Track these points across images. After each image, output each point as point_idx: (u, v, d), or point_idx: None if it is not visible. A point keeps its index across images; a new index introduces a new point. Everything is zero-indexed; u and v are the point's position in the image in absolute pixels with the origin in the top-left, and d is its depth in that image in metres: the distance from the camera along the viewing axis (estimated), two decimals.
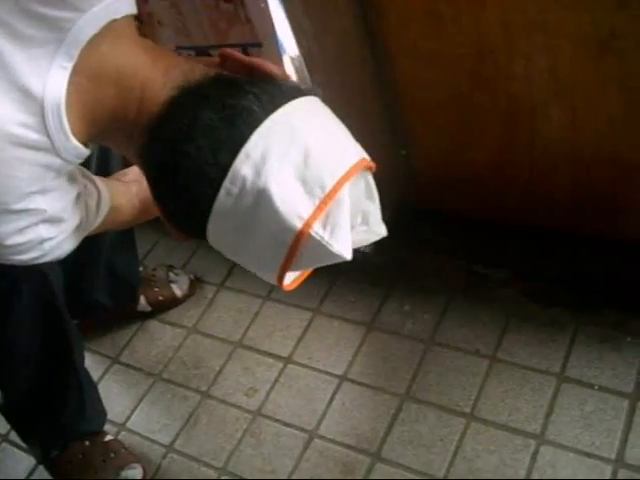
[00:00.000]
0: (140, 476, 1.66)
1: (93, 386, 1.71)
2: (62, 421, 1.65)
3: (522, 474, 1.45)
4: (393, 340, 1.73)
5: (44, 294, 1.47)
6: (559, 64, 1.34)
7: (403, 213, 1.75)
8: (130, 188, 1.21)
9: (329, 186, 0.81)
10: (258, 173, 0.79)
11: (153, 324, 1.97)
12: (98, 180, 1.10)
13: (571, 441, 1.48)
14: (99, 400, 1.72)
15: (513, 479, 1.44)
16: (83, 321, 1.92)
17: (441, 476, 1.50)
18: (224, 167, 0.80)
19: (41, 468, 1.74)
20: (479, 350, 1.65)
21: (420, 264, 1.82)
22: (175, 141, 0.82)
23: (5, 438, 1.86)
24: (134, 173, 1.24)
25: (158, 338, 1.94)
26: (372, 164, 0.90)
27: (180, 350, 1.90)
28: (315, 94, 0.91)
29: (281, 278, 0.88)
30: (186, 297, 1.99)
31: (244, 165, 0.79)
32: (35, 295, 1.45)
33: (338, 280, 1.89)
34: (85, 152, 0.87)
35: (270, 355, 1.81)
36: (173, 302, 1.98)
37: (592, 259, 1.63)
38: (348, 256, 0.86)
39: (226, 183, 0.80)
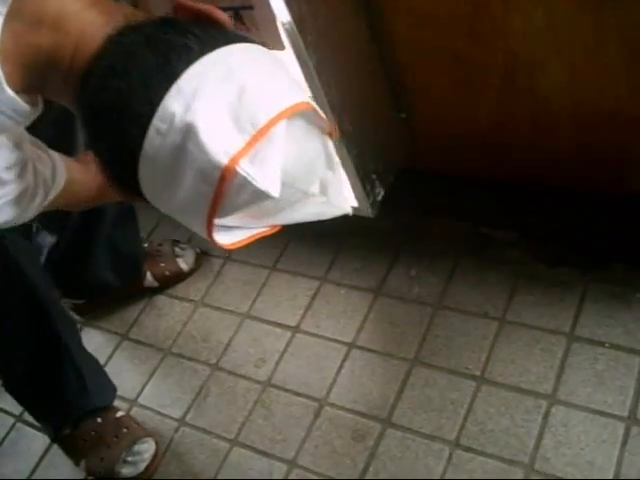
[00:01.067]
0: (152, 450, 1.67)
1: (93, 362, 1.71)
2: (65, 399, 1.65)
3: (534, 434, 1.44)
4: (401, 305, 1.72)
5: (11, 275, 1.46)
6: (557, 18, 1.31)
7: (406, 177, 1.73)
8: (91, 166, 1.16)
9: (261, 123, 0.77)
10: (188, 108, 0.75)
11: (161, 299, 1.97)
12: (55, 153, 1.07)
13: (583, 400, 1.47)
14: (103, 375, 1.73)
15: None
16: (91, 300, 1.93)
17: (452, 438, 1.49)
18: (154, 103, 0.76)
19: (56, 447, 1.75)
20: (488, 312, 1.64)
21: (425, 228, 1.80)
22: (107, 78, 0.78)
23: (20, 418, 1.87)
24: None
25: (166, 313, 1.94)
26: (310, 106, 0.83)
27: (188, 324, 1.90)
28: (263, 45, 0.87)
29: (210, 224, 0.83)
30: (192, 271, 1.98)
31: (174, 101, 0.75)
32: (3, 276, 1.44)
33: (344, 248, 1.87)
34: (24, 107, 0.84)
35: (278, 325, 1.80)
36: (180, 276, 1.97)
37: (598, 215, 1.61)
38: (274, 192, 0.79)
39: (155, 121, 0.76)
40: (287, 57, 1.34)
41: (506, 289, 1.66)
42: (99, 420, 1.68)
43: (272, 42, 1.29)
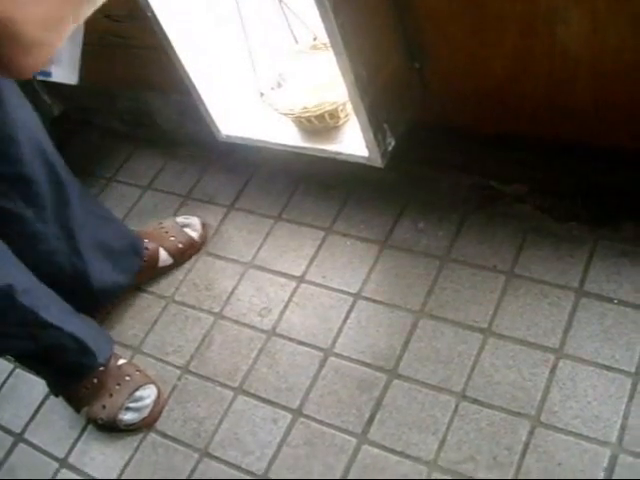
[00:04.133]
0: (154, 395, 1.67)
1: (87, 325, 1.68)
2: (68, 364, 1.64)
3: (541, 387, 1.45)
4: (407, 257, 1.71)
5: None
6: None
7: (417, 129, 1.70)
8: None
9: None
10: None
11: None
12: None
13: (590, 355, 1.47)
14: (100, 333, 1.72)
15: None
16: (106, 305, 1.88)
17: (459, 390, 1.49)
18: None
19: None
20: (496, 266, 1.63)
21: (434, 181, 1.79)
22: None
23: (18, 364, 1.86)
24: None
25: None
26: None
27: (191, 272, 1.88)
28: None
29: None
30: (203, 239, 1.93)
31: None
32: None
33: (350, 199, 1.85)
34: None
35: (283, 275, 1.79)
36: (193, 247, 1.91)
37: (612, 172, 1.59)
38: None
39: None
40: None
41: (515, 243, 1.65)
42: (101, 369, 1.67)
43: None
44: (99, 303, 1.83)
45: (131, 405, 1.65)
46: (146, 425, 1.66)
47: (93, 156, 2.28)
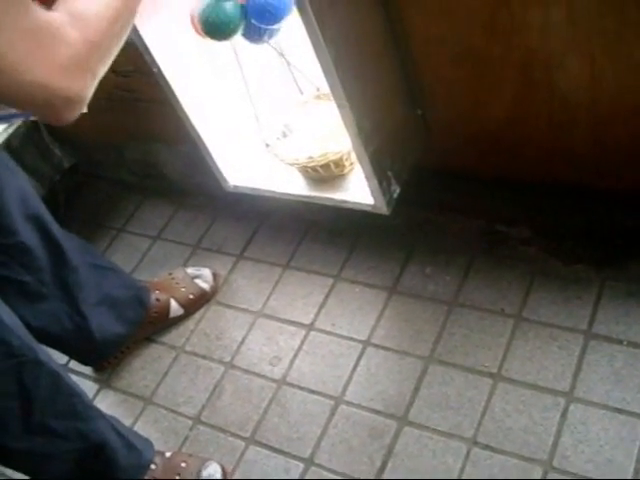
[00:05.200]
0: (220, 470, 1.60)
1: (117, 421, 1.59)
2: (119, 469, 1.55)
3: (553, 432, 1.44)
4: (416, 303, 1.72)
5: None
6: (576, 12, 1.30)
7: (421, 174, 1.72)
8: None
9: None
10: None
11: None
12: None
13: (601, 398, 1.46)
14: (131, 430, 1.66)
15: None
16: (108, 358, 1.87)
17: (470, 436, 1.49)
18: None
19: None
20: (504, 310, 1.63)
21: (440, 225, 1.80)
22: None
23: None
24: None
25: None
26: None
27: (202, 322, 1.89)
28: None
29: None
30: (214, 290, 1.94)
31: None
32: None
33: (358, 245, 1.87)
34: None
35: (292, 323, 1.79)
36: (203, 297, 1.92)
37: (614, 213, 1.61)
38: None
39: None
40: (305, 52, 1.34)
41: (522, 286, 1.65)
42: (152, 467, 1.59)
43: None
44: (103, 355, 1.84)
45: None
46: None
47: (103, 207, 2.31)
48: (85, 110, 0.98)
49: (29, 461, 1.46)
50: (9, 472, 1.63)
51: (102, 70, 0.98)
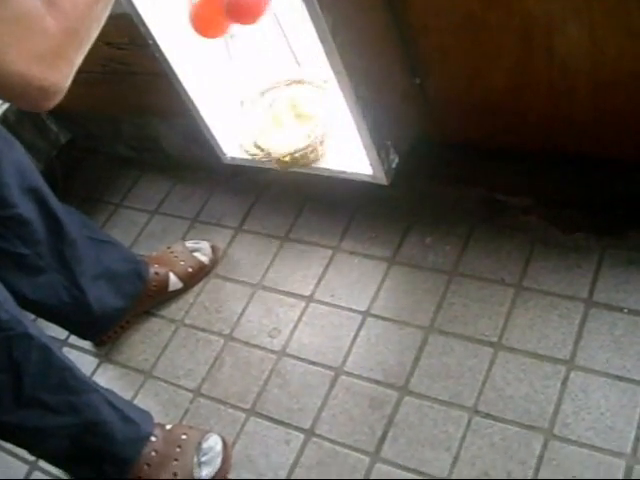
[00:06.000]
0: (220, 442, 1.59)
1: (114, 404, 1.55)
2: (117, 444, 1.53)
3: (553, 400, 1.44)
4: (415, 273, 1.71)
5: None
6: None
7: (420, 144, 1.71)
8: None
9: None
10: None
11: None
12: None
13: (602, 365, 1.46)
14: (135, 408, 1.64)
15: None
16: (107, 331, 1.87)
17: (471, 405, 1.49)
18: None
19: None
20: (504, 279, 1.63)
21: (439, 195, 1.79)
22: None
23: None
24: None
25: None
26: None
27: (201, 295, 1.89)
28: None
29: None
30: (213, 263, 1.93)
31: None
32: None
33: (357, 216, 1.86)
34: None
35: (292, 295, 1.79)
36: (202, 270, 1.91)
37: (615, 181, 1.59)
38: None
39: None
40: (304, 21, 1.33)
41: (522, 256, 1.65)
42: (153, 439, 1.57)
43: None
44: (102, 329, 1.84)
45: (203, 459, 1.58)
46: (223, 475, 1.58)
47: (100, 182, 2.30)
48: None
49: (22, 435, 1.45)
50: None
51: (80, 58, 0.97)
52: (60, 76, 0.93)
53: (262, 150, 1.68)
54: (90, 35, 0.98)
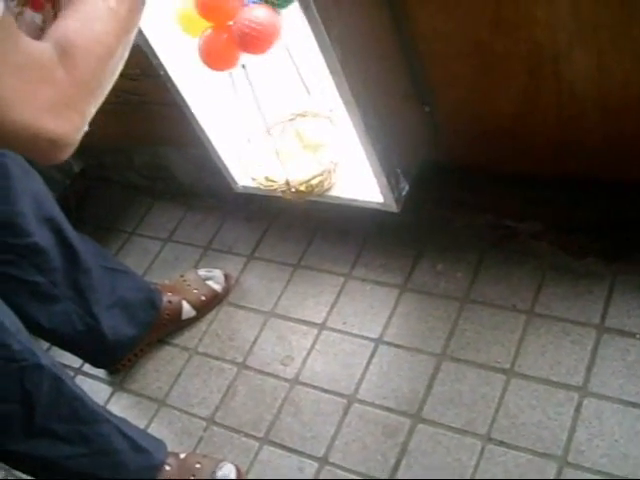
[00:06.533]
0: (235, 471, 1.60)
1: (126, 422, 1.59)
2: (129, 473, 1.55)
3: (567, 427, 1.43)
4: (427, 300, 1.71)
5: None
6: (582, 5, 1.29)
7: (430, 171, 1.72)
8: None
9: None
10: None
11: None
12: None
13: (615, 392, 1.45)
14: (143, 431, 1.67)
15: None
16: (121, 360, 1.88)
17: (484, 432, 1.48)
18: None
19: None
20: (515, 305, 1.63)
21: (450, 222, 1.79)
22: None
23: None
24: None
25: None
26: None
27: (214, 323, 1.90)
28: None
29: None
30: (226, 291, 1.94)
31: None
32: None
33: (368, 243, 1.87)
34: None
35: (304, 322, 1.79)
36: (215, 299, 1.92)
37: (625, 205, 1.59)
38: None
39: None
40: (313, 52, 1.34)
41: (533, 282, 1.65)
42: (167, 468, 1.59)
43: None
44: (116, 357, 1.85)
45: None
46: None
47: (113, 211, 2.31)
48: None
49: (33, 464, 1.46)
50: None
51: (92, 109, 0.94)
52: (70, 128, 0.90)
53: (274, 182, 1.69)
54: (102, 87, 0.95)
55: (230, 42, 1.40)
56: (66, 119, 0.89)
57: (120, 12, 0.96)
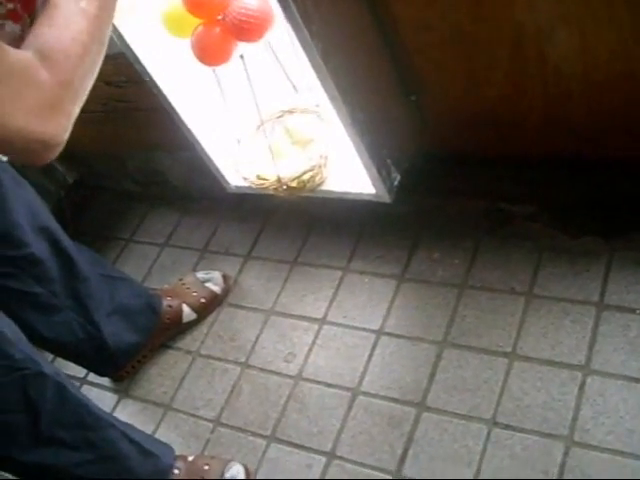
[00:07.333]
0: (243, 470, 1.60)
1: (132, 427, 1.60)
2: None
3: (572, 406, 1.44)
4: (426, 289, 1.72)
5: None
6: None
7: (421, 160, 1.72)
8: None
9: None
10: None
11: None
12: None
13: (618, 368, 1.45)
14: (149, 436, 1.67)
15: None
16: (125, 367, 1.88)
17: (489, 417, 1.48)
18: None
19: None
20: (514, 288, 1.63)
21: (444, 209, 1.79)
22: None
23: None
24: None
25: None
26: None
27: (215, 325, 1.90)
28: None
29: None
30: (225, 292, 1.94)
31: None
32: None
33: (364, 236, 1.87)
34: None
35: (304, 318, 1.80)
36: (215, 300, 1.92)
37: (617, 182, 1.59)
38: None
39: None
40: (294, 47, 1.34)
41: (530, 263, 1.65)
42: (176, 472, 1.59)
43: None
44: (119, 365, 1.85)
45: None
46: None
47: (109, 219, 2.32)
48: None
49: (41, 473, 1.46)
50: None
51: (77, 108, 0.98)
52: (58, 128, 0.94)
53: (266, 180, 1.69)
54: (84, 85, 1.00)
55: (224, 34, 1.39)
56: (54, 121, 0.94)
57: (91, 10, 1.00)
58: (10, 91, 0.89)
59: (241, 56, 1.45)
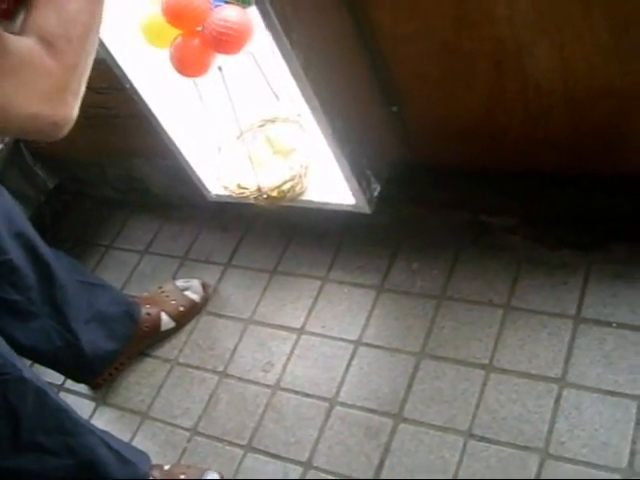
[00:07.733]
0: (219, 477, 1.61)
1: (109, 435, 1.59)
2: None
3: (547, 419, 1.44)
4: (404, 300, 1.72)
5: None
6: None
7: (401, 171, 1.72)
8: None
9: None
10: None
11: None
12: None
13: (593, 381, 1.46)
14: (132, 449, 1.65)
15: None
16: (102, 374, 1.86)
17: (465, 429, 1.49)
18: None
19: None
20: (492, 300, 1.64)
21: (424, 220, 1.80)
22: None
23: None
24: None
25: None
26: None
27: (194, 333, 1.89)
28: None
29: None
30: (204, 300, 1.93)
31: None
32: None
33: (343, 246, 1.87)
34: None
35: (283, 328, 1.79)
36: (194, 309, 1.92)
37: (596, 196, 1.60)
38: None
39: None
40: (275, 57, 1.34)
41: (509, 275, 1.66)
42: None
43: None
44: (96, 372, 1.84)
45: None
46: None
47: (89, 225, 2.31)
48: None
49: (20, 479, 1.45)
50: None
51: (82, 87, 1.02)
52: (68, 108, 0.98)
53: (246, 189, 1.69)
54: (87, 64, 1.02)
55: (203, 46, 1.40)
56: (63, 102, 0.97)
57: None
58: (20, 82, 0.93)
59: (219, 68, 1.45)
